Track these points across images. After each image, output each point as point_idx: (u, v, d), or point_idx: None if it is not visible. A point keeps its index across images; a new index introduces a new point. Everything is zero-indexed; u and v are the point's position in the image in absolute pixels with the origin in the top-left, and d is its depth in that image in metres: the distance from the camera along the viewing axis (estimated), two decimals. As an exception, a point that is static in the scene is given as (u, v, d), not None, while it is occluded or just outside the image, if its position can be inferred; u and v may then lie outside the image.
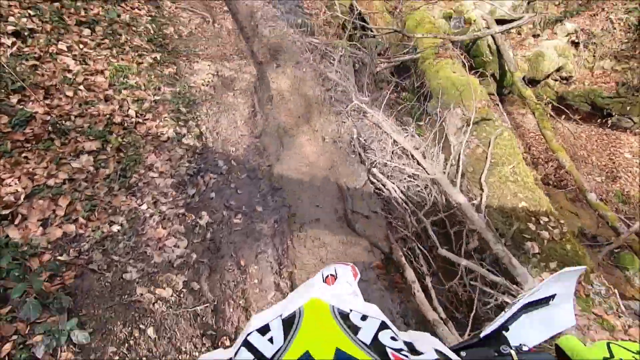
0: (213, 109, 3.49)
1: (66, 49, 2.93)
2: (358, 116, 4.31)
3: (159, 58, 3.54)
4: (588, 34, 7.81)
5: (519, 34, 8.32)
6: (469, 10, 8.46)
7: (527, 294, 0.68)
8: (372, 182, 3.42)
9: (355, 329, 0.54)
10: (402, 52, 5.14)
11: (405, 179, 3.56)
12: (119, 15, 3.61)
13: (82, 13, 3.31)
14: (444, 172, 3.19)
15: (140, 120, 2.82)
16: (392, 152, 3.94)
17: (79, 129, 2.37)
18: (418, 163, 3.54)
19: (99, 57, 3.07)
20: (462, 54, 4.89)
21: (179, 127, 3.02)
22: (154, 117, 2.94)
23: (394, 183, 3.30)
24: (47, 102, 2.45)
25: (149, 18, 3.92)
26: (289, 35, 4.91)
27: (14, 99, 2.28)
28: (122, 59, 3.20)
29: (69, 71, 2.81)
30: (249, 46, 4.67)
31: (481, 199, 2.74)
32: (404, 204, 3.01)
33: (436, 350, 0.56)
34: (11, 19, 2.79)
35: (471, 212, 2.58)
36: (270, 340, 0.54)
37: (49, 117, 2.30)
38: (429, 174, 3.11)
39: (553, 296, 0.69)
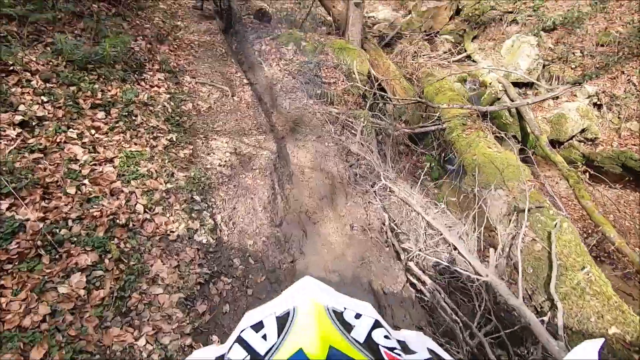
0: (230, 193, 3.15)
1: (76, 137, 2.68)
2: (385, 192, 3.93)
3: (175, 139, 3.29)
4: (610, 96, 7.57)
5: (537, 95, 8.16)
6: (483, 74, 8.41)
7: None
8: (409, 278, 2.93)
9: (349, 327, 0.54)
10: (427, 123, 4.88)
11: (446, 272, 3.06)
12: (137, 95, 3.44)
13: (99, 95, 3.13)
14: (497, 272, 2.69)
15: (149, 217, 2.46)
16: (426, 234, 3.49)
17: (75, 237, 2.00)
18: (459, 253, 3.06)
19: (111, 143, 2.81)
20: (491, 126, 4.60)
21: (191, 220, 2.65)
22: (164, 210, 2.59)
23: (435, 281, 2.80)
24: (44, 203, 2.12)
25: (168, 96, 3.76)
26: (309, 106, 4.73)
27: (4, 205, 1.95)
28: (135, 144, 2.94)
29: (76, 161, 2.53)
30: (268, 119, 4.47)
31: (555, 315, 2.22)
32: (452, 314, 2.49)
33: (429, 350, 0.58)
34: (21, 107, 2.58)
35: (545, 337, 2.05)
36: (264, 337, 0.53)
37: (41, 225, 1.95)
38: (480, 275, 2.62)
39: None
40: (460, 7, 9.91)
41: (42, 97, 2.75)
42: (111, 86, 3.34)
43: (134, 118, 3.19)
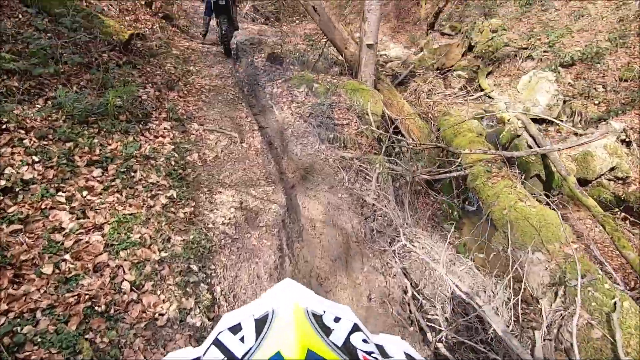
0: (232, 258, 2.80)
1: (64, 200, 2.40)
2: (405, 250, 3.50)
3: (175, 195, 3.00)
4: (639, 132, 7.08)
5: (559, 132, 7.72)
6: (500, 110, 8.07)
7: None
8: (437, 363, 2.45)
9: (327, 331, 0.53)
10: (447, 168, 4.50)
11: (480, 350, 2.57)
12: (139, 148, 3.21)
13: (97, 151, 2.90)
14: (544, 358, 2.19)
15: (135, 297, 2.11)
16: (454, 300, 3.01)
17: (39, 337, 1.66)
18: (495, 330, 2.58)
19: (103, 206, 2.52)
20: (518, 173, 4.18)
21: (185, 297, 2.28)
22: (155, 287, 2.24)
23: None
24: (12, 289, 1.80)
25: (172, 146, 3.52)
26: (321, 151, 4.43)
27: (-39, 297, 1.64)
28: (131, 205, 2.65)
29: (61, 230, 2.24)
30: (279, 166, 4.18)
31: None
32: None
33: (406, 354, 0.58)
34: (8, 170, 2.35)
35: None
36: (242, 339, 0.52)
37: (1, 322, 1.61)
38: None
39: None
40: (472, 44, 9.77)
41: (34, 157, 2.52)
42: (112, 139, 3.12)
43: (132, 174, 2.93)
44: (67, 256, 2.09)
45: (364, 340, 0.53)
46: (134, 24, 5.19)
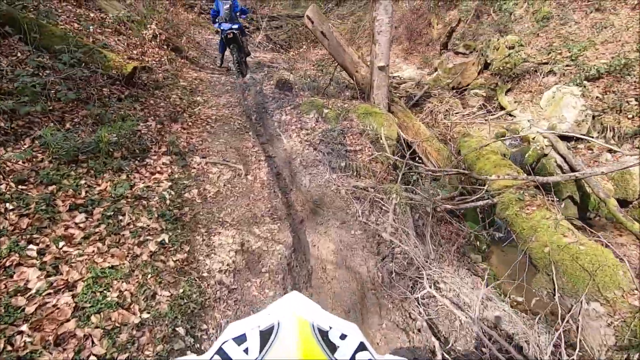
0: (228, 313, 2.37)
1: (36, 254, 2.08)
2: (429, 292, 2.98)
3: (167, 240, 2.64)
4: (683, 148, 6.36)
5: (590, 149, 7.05)
6: (524, 128, 7.51)
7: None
8: None
9: (333, 348, 0.52)
10: (472, 197, 3.99)
11: None
12: (131, 187, 2.90)
13: (83, 193, 2.61)
14: None
15: (102, 378, 1.71)
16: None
17: None
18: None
19: (80, 259, 2.18)
20: (556, 201, 3.62)
21: (165, 373, 1.87)
22: (129, 360, 1.83)
23: None
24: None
25: (169, 183, 3.21)
26: (332, 182, 4.03)
27: None
28: (113, 256, 2.30)
29: (25, 292, 1.90)
30: (286, 200, 3.80)
31: None
32: None
33: None
34: (-26, 221, 2.06)
35: None
36: (246, 350, 0.52)
37: None
38: None
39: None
40: (488, 62, 9.35)
41: (7, 205, 2.23)
42: (102, 179, 2.83)
43: (120, 218, 2.60)
44: (24, 327, 1.73)
45: None
46: (141, 57, 5.09)
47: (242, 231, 3.11)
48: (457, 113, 6.94)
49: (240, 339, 0.53)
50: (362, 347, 0.53)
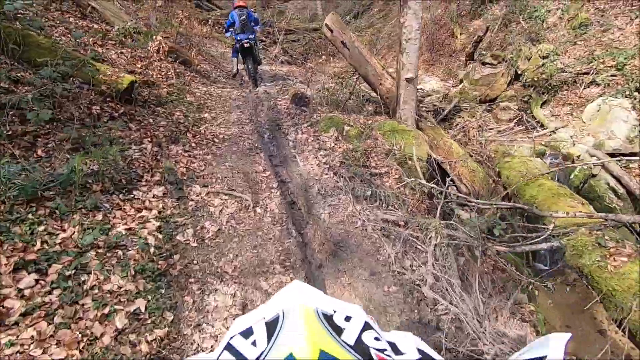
0: None
1: (-58, 348, 1.40)
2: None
3: (143, 308, 1.93)
4: None
5: (646, 168, 6.02)
6: (566, 145, 6.55)
7: (518, 353, 0.60)
8: None
9: (339, 330, 0.52)
10: (533, 238, 3.13)
11: None
12: (106, 232, 2.23)
13: (37, 245, 1.94)
14: None
15: None
16: None
17: None
18: None
19: (8, 352, 1.49)
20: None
21: None
22: None
23: None
24: None
25: (158, 223, 2.52)
26: (356, 215, 3.26)
27: None
28: (59, 343, 1.59)
29: None
30: (301, 240, 3.05)
31: None
32: None
33: (418, 350, 0.55)
34: None
35: None
36: (254, 343, 0.51)
37: None
38: None
39: (544, 357, 0.55)
40: (519, 72, 8.45)
41: None
42: (69, 223, 2.16)
43: (83, 279, 1.91)
44: None
45: (376, 338, 0.52)
46: (145, 70, 4.52)
47: (246, 286, 2.37)
48: (491, 129, 6.08)
49: (247, 333, 0.53)
50: (367, 327, 0.53)
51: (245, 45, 5.67)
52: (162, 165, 3.11)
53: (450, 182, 5.13)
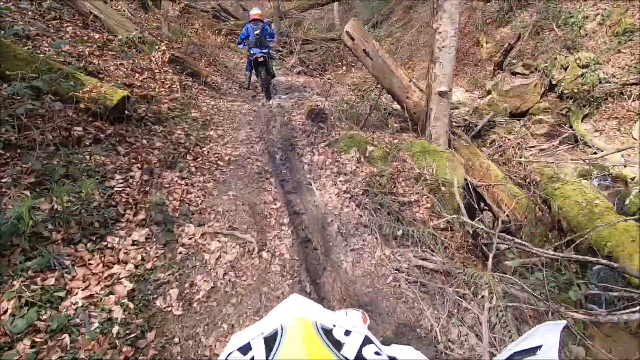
0: None
1: None
2: None
3: None
4: None
5: None
6: (615, 165, 5.61)
7: (515, 343, 0.60)
8: None
9: (338, 345, 0.50)
10: (618, 306, 2.34)
11: None
12: (56, 305, 1.60)
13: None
14: None
15: None
16: None
17: None
18: None
19: None
20: None
21: None
22: None
23: None
24: None
25: (131, 285, 1.87)
26: (385, 264, 2.54)
27: None
28: None
29: None
30: (317, 293, 2.35)
31: None
32: None
33: None
34: None
35: None
36: (252, 359, 0.49)
37: None
38: None
39: (539, 347, 0.56)
40: (554, 82, 7.55)
41: None
42: (2, 295, 1.54)
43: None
44: None
45: (376, 353, 0.50)
46: (145, 83, 3.97)
47: (242, 377, 1.68)
48: (532, 147, 5.25)
49: (245, 349, 0.51)
50: (367, 341, 0.52)
51: (260, 59, 5.35)
52: (150, 200, 2.48)
53: (485, 208, 4.34)
